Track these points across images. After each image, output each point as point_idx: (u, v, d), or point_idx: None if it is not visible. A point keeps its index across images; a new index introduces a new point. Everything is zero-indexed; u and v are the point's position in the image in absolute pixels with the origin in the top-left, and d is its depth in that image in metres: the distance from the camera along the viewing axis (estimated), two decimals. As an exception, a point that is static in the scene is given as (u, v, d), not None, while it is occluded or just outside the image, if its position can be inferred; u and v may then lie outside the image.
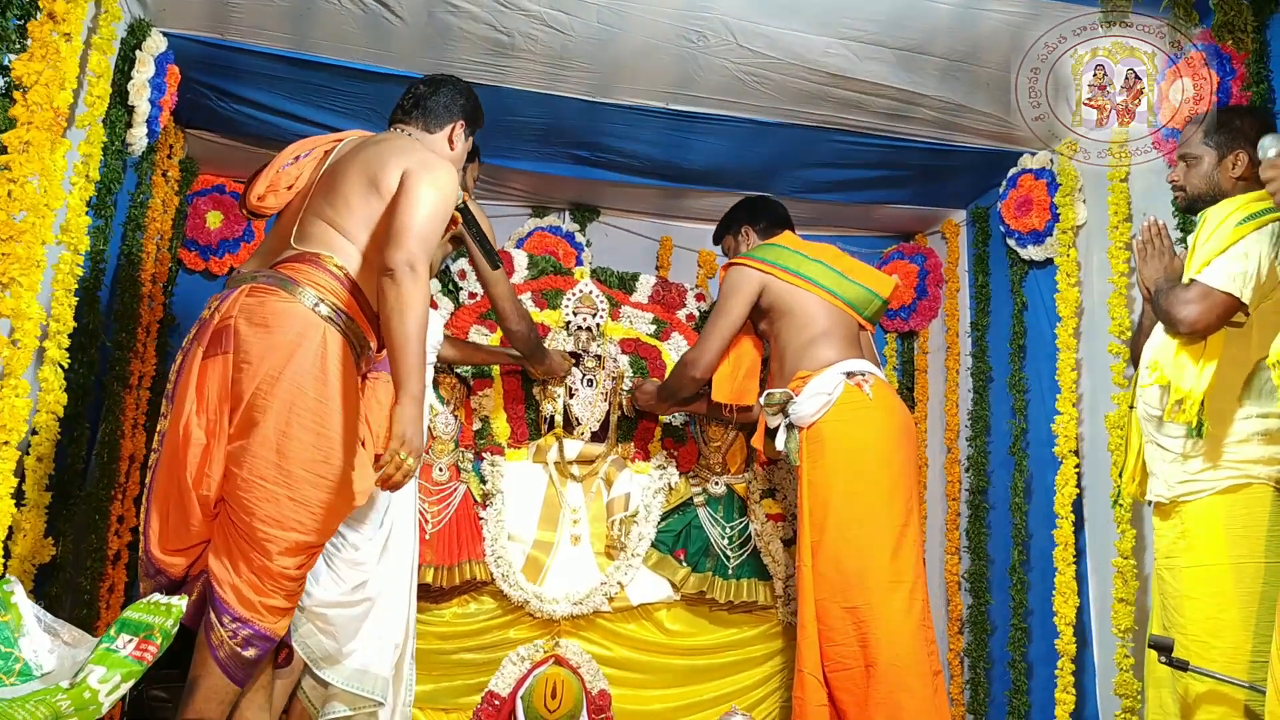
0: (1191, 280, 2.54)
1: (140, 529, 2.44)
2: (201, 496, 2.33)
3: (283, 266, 2.49)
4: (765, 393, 3.44)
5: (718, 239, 3.97)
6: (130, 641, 1.85)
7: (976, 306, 4.42)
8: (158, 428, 2.49)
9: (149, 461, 2.49)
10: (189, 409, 2.35)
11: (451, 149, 2.81)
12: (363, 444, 2.54)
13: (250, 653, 2.32)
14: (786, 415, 3.37)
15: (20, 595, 1.93)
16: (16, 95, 2.25)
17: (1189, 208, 2.79)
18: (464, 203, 2.73)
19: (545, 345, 3.76)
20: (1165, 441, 2.62)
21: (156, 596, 1.99)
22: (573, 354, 3.87)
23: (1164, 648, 2.40)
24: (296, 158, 2.69)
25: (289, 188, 2.65)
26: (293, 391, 2.36)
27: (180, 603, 1.98)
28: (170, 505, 2.36)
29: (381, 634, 2.95)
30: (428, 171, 2.51)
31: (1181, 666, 2.38)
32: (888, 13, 3.29)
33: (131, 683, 1.84)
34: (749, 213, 3.86)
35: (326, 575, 2.80)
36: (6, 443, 2.60)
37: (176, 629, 1.94)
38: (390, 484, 2.39)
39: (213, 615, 2.31)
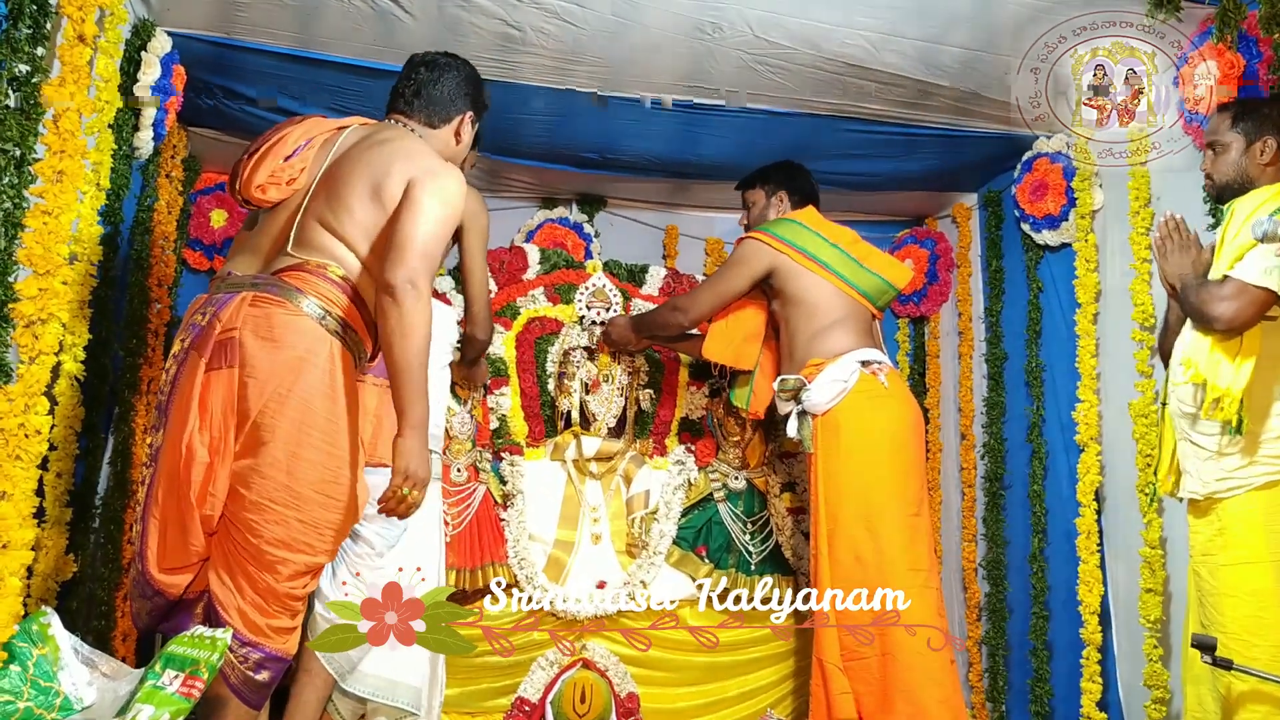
0: (1225, 276, 2.51)
1: (137, 549, 2.31)
2: (204, 516, 2.23)
3: (286, 274, 2.36)
4: (779, 378, 3.41)
5: (745, 187, 3.81)
6: (176, 678, 1.82)
7: (990, 291, 4.38)
8: (148, 440, 2.37)
9: (142, 476, 2.37)
10: (191, 424, 2.23)
11: (457, 143, 2.67)
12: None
13: (263, 676, 2.25)
14: (799, 402, 3.35)
15: (57, 626, 1.89)
16: (48, 124, 2.14)
17: (1218, 196, 2.76)
18: None
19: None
20: (1200, 439, 2.60)
21: (200, 629, 1.95)
22: (586, 349, 3.84)
23: (1207, 647, 2.38)
24: (295, 150, 2.53)
25: (289, 182, 2.49)
26: (302, 410, 2.26)
27: (225, 635, 1.95)
28: (169, 523, 2.26)
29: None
30: (434, 181, 2.38)
31: (1225, 666, 2.36)
32: (909, 0, 3.24)
33: (181, 721, 1.81)
34: (788, 178, 3.72)
35: (353, 585, 2.76)
36: (24, 460, 2.55)
37: (221, 662, 1.91)
38: (394, 514, 2.33)
39: None
